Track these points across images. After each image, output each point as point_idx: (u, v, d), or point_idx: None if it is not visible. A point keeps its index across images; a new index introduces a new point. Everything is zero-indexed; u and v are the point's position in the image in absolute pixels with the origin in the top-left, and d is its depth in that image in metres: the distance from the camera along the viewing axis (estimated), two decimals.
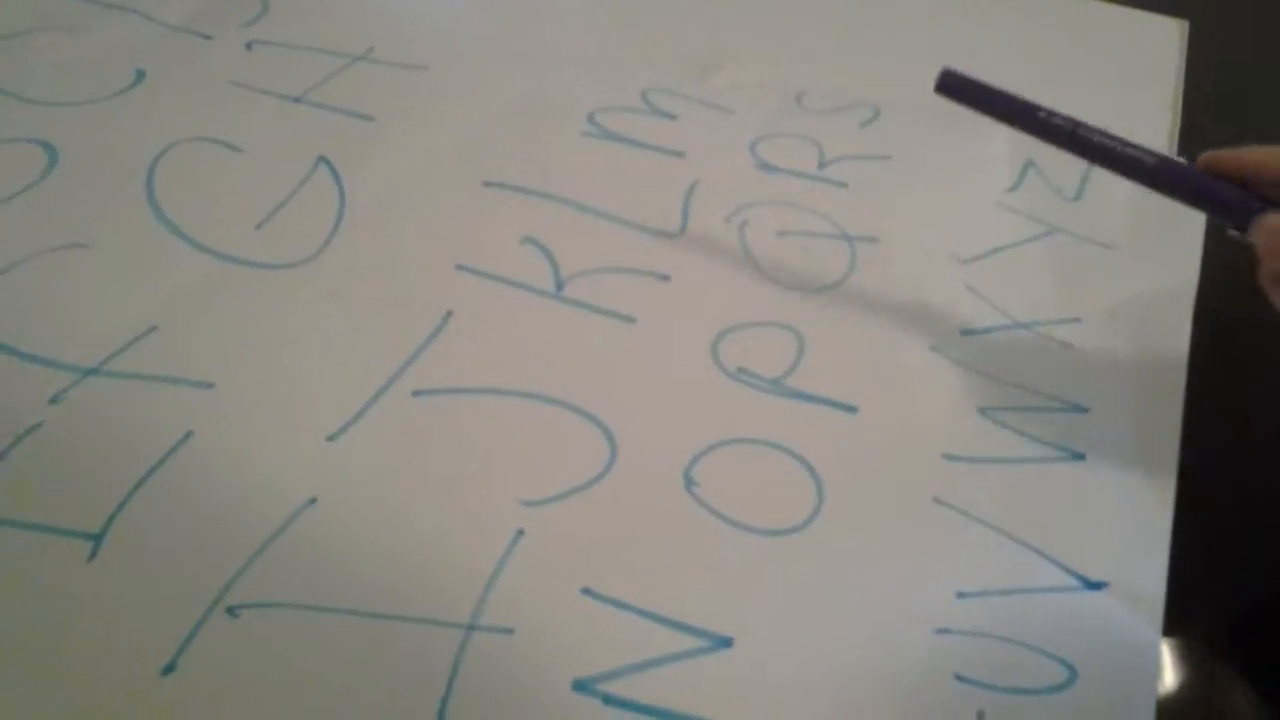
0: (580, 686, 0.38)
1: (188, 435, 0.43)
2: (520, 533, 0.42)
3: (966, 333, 0.51)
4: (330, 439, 0.44)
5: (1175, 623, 0.44)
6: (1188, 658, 0.44)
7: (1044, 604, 0.42)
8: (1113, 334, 0.51)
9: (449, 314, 0.48)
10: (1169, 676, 0.44)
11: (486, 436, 0.45)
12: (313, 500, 0.42)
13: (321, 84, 0.58)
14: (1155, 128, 0.63)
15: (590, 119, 0.58)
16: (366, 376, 0.46)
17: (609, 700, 0.38)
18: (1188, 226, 0.56)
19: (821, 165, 0.58)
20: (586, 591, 0.41)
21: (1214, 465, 0.49)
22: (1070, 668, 0.40)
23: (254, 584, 0.40)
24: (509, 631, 0.39)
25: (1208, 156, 0.44)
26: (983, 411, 0.48)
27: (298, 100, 0.57)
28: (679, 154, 0.57)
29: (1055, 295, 0.53)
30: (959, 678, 0.40)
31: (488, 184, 0.54)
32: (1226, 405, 0.52)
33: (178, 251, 0.50)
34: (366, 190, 0.53)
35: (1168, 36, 0.71)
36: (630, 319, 0.49)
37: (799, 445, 0.46)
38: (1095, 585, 0.42)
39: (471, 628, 0.39)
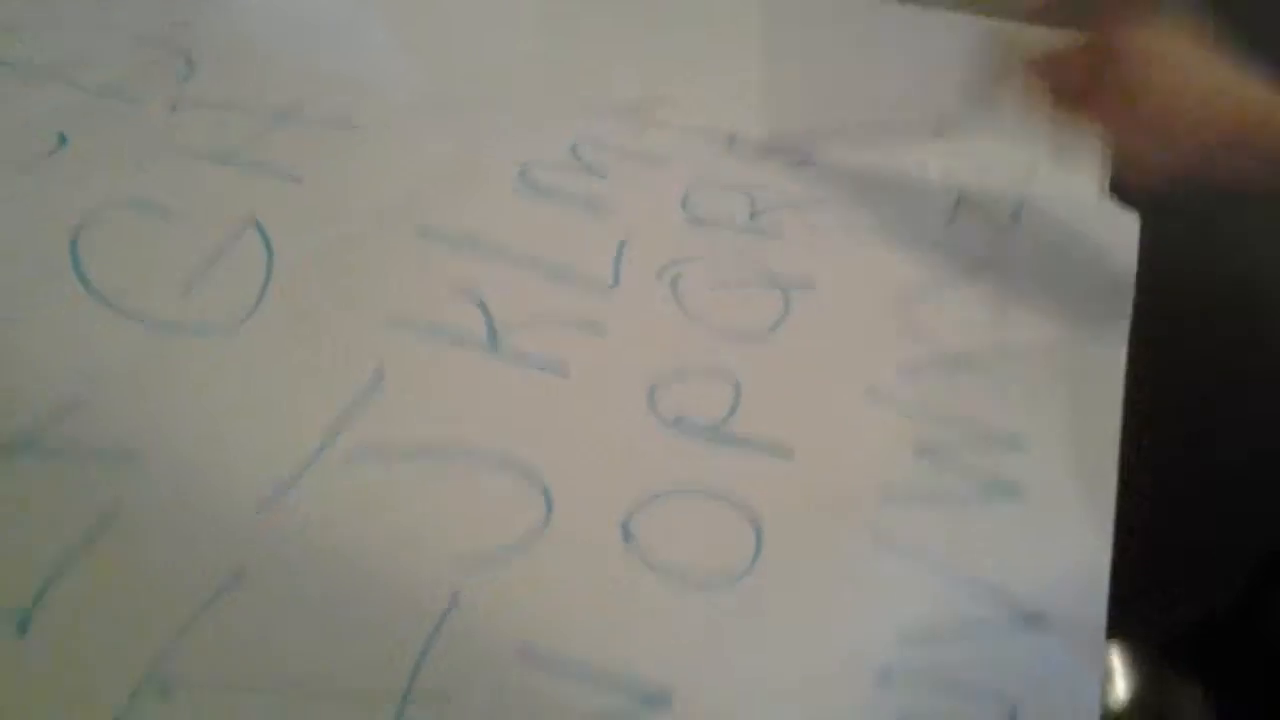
0: None
1: (116, 508, 0.42)
2: (455, 596, 0.41)
3: (903, 372, 0.51)
4: (260, 509, 0.43)
5: (1124, 629, 0.43)
6: (1136, 664, 0.44)
7: (985, 643, 0.42)
8: (1049, 364, 0.51)
9: (381, 371, 0.48)
10: (1119, 683, 0.44)
11: (421, 498, 0.44)
12: (241, 573, 0.41)
13: (249, 144, 0.58)
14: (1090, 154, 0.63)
15: (521, 175, 0.58)
16: (298, 441, 0.45)
17: None
18: (1122, 251, 0.56)
19: (753, 215, 0.58)
20: (523, 653, 0.40)
21: (1160, 474, 0.49)
22: (1011, 707, 0.40)
23: (184, 661, 0.39)
24: (445, 699, 0.39)
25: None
26: (920, 451, 0.48)
27: (225, 162, 0.56)
28: (609, 208, 0.57)
29: (990, 328, 0.53)
30: None
31: (420, 237, 0.54)
32: (1166, 407, 0.52)
33: (105, 320, 0.49)
34: (295, 250, 0.52)
35: None
36: (565, 372, 0.49)
37: (737, 493, 0.46)
38: (1036, 621, 0.42)
39: (406, 699, 0.38)
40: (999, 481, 0.47)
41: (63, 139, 0.57)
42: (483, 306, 0.51)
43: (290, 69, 0.64)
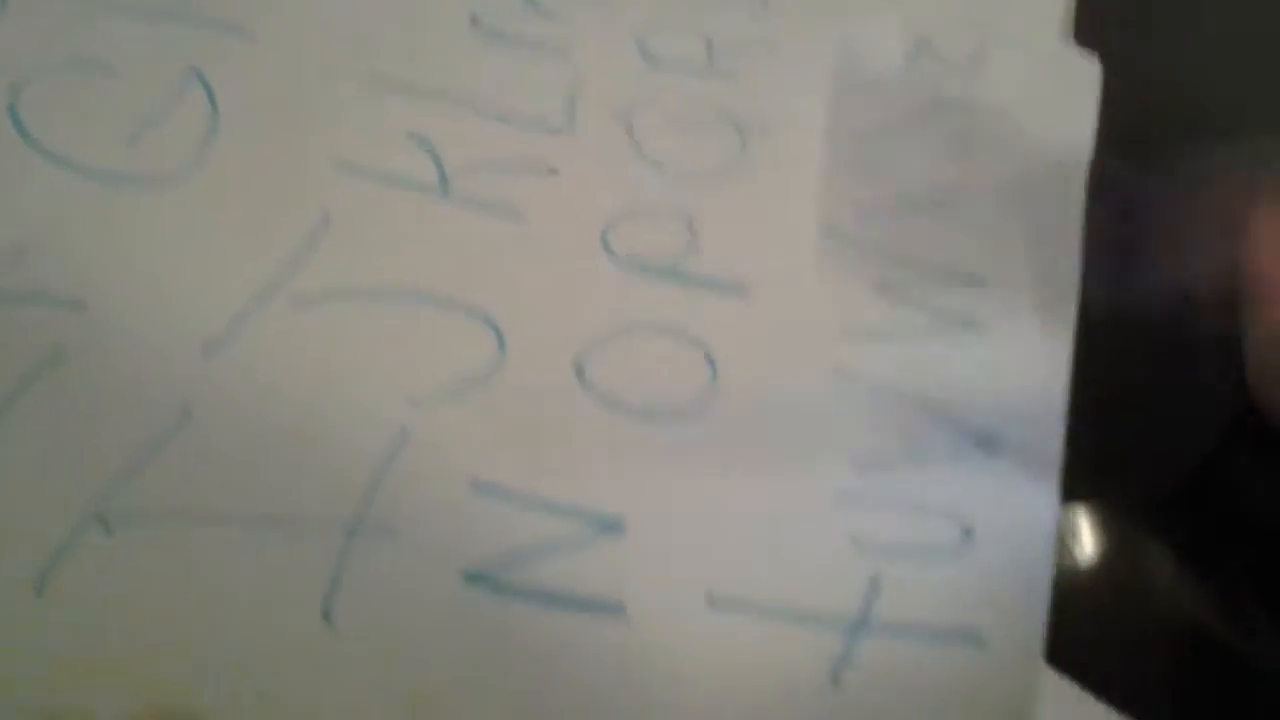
0: (471, 578, 0.38)
1: (59, 353, 0.42)
2: (405, 431, 0.41)
3: (861, 212, 0.50)
4: (207, 351, 0.43)
5: (1093, 493, 0.43)
6: (1105, 528, 0.44)
7: (941, 467, 0.41)
8: (1009, 203, 0.51)
9: (328, 216, 0.47)
10: (1088, 547, 0.44)
11: (369, 339, 0.44)
12: (188, 413, 0.41)
13: None
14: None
15: (473, 20, 0.57)
16: (243, 286, 0.45)
17: (500, 589, 0.37)
18: (1081, 89, 0.55)
19: (710, 56, 0.57)
20: (474, 484, 0.40)
21: (1124, 335, 0.49)
22: (967, 527, 0.40)
23: (128, 498, 0.39)
24: (393, 530, 0.38)
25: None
26: (878, 288, 0.47)
27: (168, 15, 0.55)
28: (564, 53, 0.56)
29: (948, 169, 0.52)
30: (855, 543, 0.39)
31: (368, 83, 0.53)
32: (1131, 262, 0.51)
33: (47, 173, 0.48)
34: (241, 97, 0.51)
35: None
36: (518, 214, 0.48)
37: (693, 330, 0.45)
38: (992, 447, 0.42)
39: (354, 529, 0.38)
40: (957, 315, 0.46)
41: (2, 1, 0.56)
42: (433, 151, 0.50)
43: None
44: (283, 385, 0.42)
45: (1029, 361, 0.45)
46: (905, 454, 0.42)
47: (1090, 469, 0.44)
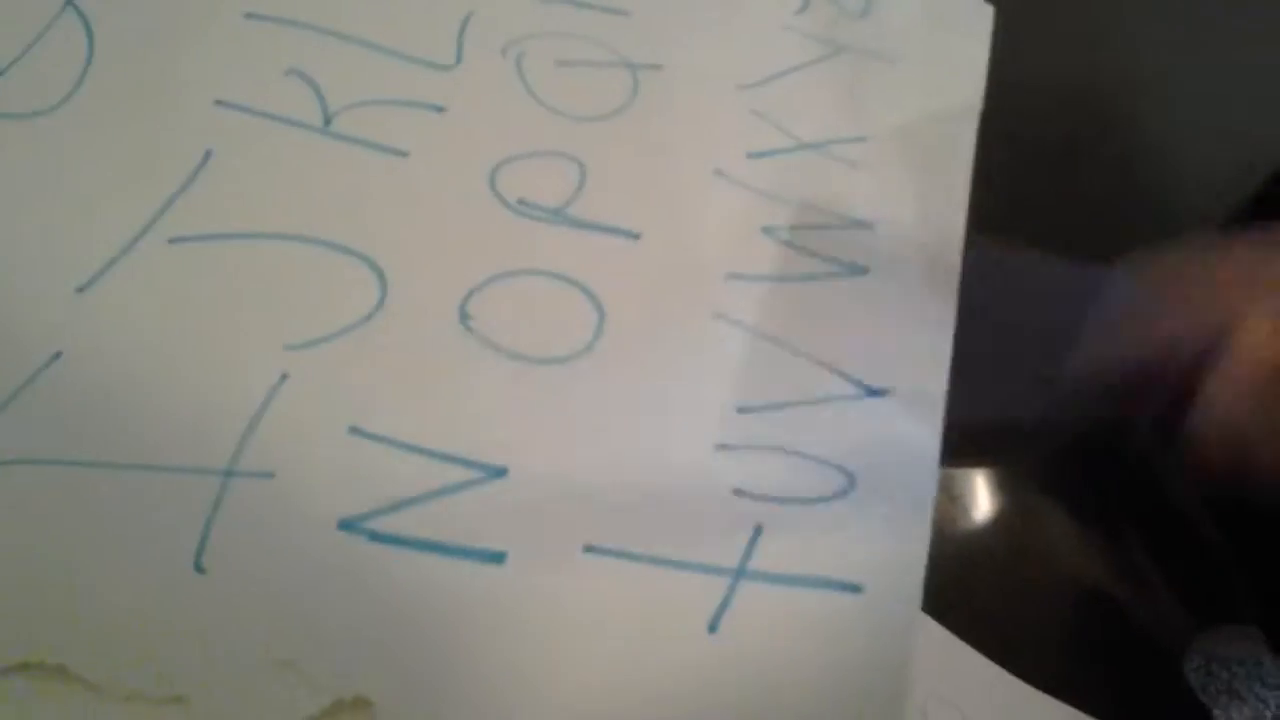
0: (346, 525, 0.37)
1: None
2: (284, 376, 0.40)
3: (752, 155, 0.50)
4: (80, 290, 0.42)
5: (987, 457, 0.43)
6: (1001, 492, 0.44)
7: (825, 414, 0.41)
8: (899, 150, 0.50)
9: (208, 153, 0.46)
10: (984, 510, 0.44)
11: (248, 282, 0.43)
12: (58, 354, 0.40)
13: None
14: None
15: None
16: (119, 225, 0.44)
17: (376, 537, 0.37)
18: (973, 40, 0.55)
19: None
20: (353, 430, 0.39)
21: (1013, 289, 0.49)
22: (849, 475, 0.40)
23: (2, 438, 0.38)
24: (269, 475, 0.38)
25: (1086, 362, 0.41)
26: (767, 231, 0.47)
27: None
28: None
29: (841, 115, 0.52)
30: (737, 492, 0.39)
31: (249, 15, 0.51)
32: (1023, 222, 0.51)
33: None
34: (116, 30, 0.50)
35: None
36: (402, 152, 0.47)
37: (580, 274, 0.45)
38: (877, 392, 0.42)
39: (229, 473, 0.38)
40: (844, 261, 0.46)
41: None
42: (315, 87, 0.49)
43: None
44: (158, 328, 0.41)
45: (914, 307, 0.45)
46: (788, 400, 0.42)
47: (988, 432, 0.44)
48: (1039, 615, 0.46)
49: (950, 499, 0.47)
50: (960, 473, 0.46)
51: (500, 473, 0.38)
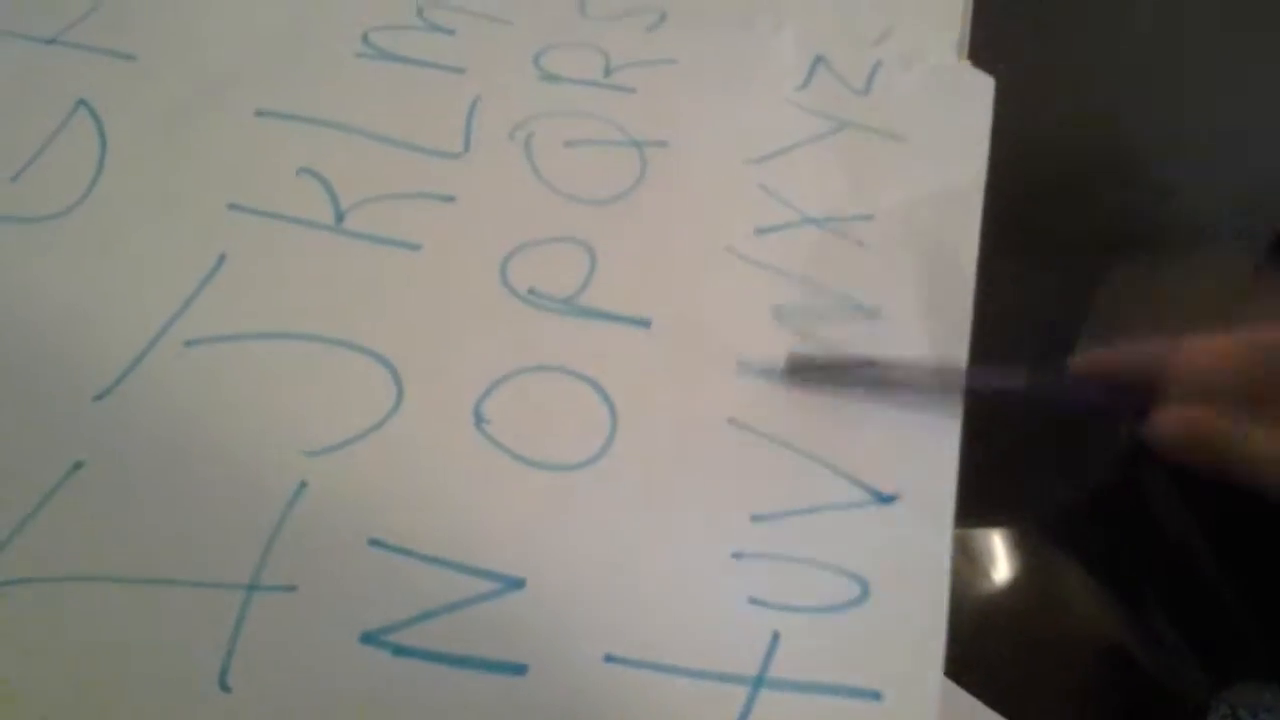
0: (368, 639, 0.37)
1: None
2: (303, 485, 0.40)
3: (761, 231, 0.50)
4: (98, 398, 0.42)
5: (1004, 515, 0.44)
6: (1019, 548, 0.44)
7: (837, 521, 0.41)
8: (904, 230, 0.51)
9: (223, 257, 0.46)
10: (1003, 567, 0.44)
11: (266, 385, 0.43)
12: (79, 464, 0.40)
13: (78, 22, 0.55)
14: (945, 11, 0.63)
15: (365, 39, 0.56)
16: (135, 329, 0.44)
17: (400, 651, 0.37)
18: (975, 115, 0.55)
19: (607, 73, 0.56)
20: (373, 541, 0.39)
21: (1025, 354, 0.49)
22: (863, 582, 0.40)
23: (24, 553, 0.38)
24: (292, 589, 0.38)
25: (1077, 363, 0.43)
26: (777, 312, 0.47)
27: (52, 41, 0.54)
28: (459, 70, 0.55)
29: (847, 191, 0.52)
30: (753, 601, 0.39)
31: (260, 114, 0.52)
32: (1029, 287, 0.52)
33: None
34: (130, 132, 0.51)
35: None
36: (415, 246, 0.48)
37: (592, 368, 0.45)
38: (887, 499, 0.42)
39: (252, 588, 0.38)
40: (854, 355, 0.46)
41: None
42: (327, 185, 0.49)
43: None
44: (178, 435, 0.41)
45: (923, 406, 0.45)
46: (801, 508, 0.42)
47: (997, 493, 0.44)
48: (1057, 673, 0.46)
49: (968, 558, 0.47)
50: (977, 532, 0.47)
51: (519, 584, 0.39)
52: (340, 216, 0.48)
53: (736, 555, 0.40)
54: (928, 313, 0.47)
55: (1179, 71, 0.66)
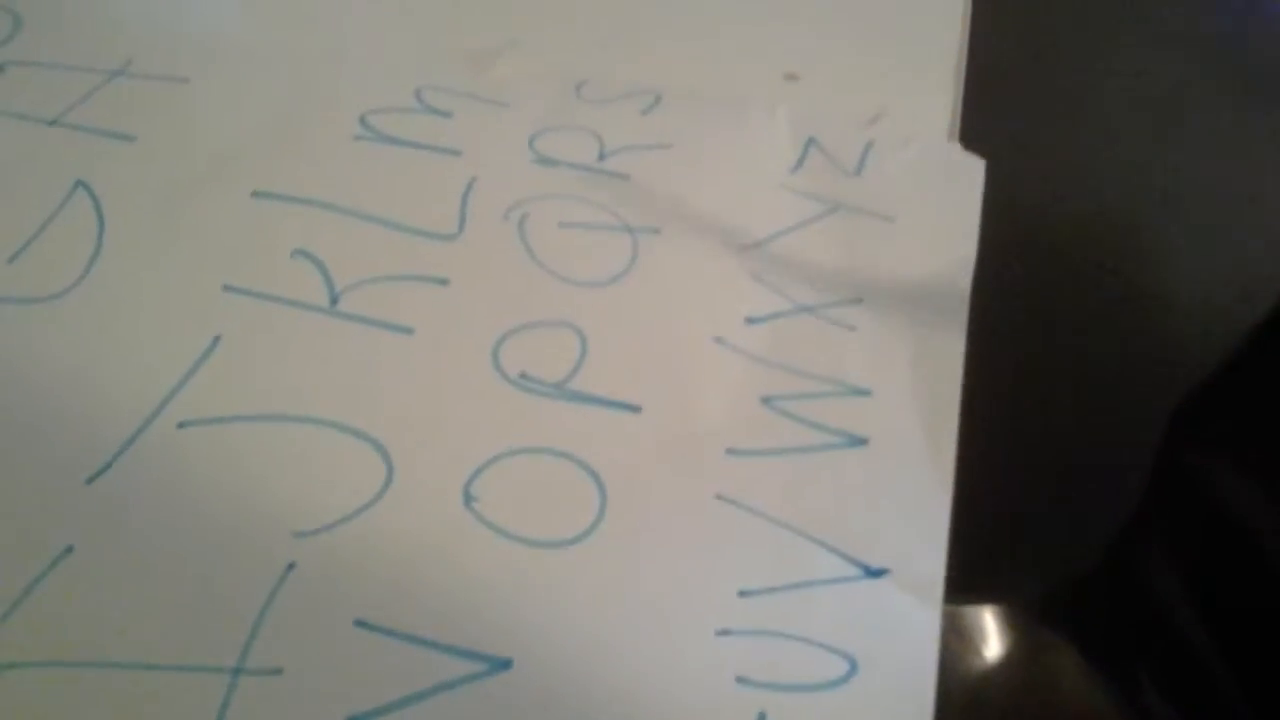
0: None
1: None
2: (291, 566, 0.41)
3: (751, 320, 0.50)
4: (89, 481, 0.42)
5: (999, 591, 0.44)
6: (1008, 628, 0.44)
7: (825, 596, 0.42)
8: (894, 312, 0.51)
9: (217, 338, 0.47)
10: (993, 646, 0.44)
11: (257, 466, 0.44)
12: (69, 548, 0.40)
13: (79, 104, 0.56)
14: (936, 94, 0.64)
15: (362, 122, 0.57)
16: (129, 411, 0.44)
17: None
18: (966, 195, 0.56)
19: (602, 156, 0.57)
20: (360, 624, 0.39)
21: (1038, 431, 0.49)
22: (851, 659, 0.40)
23: (13, 639, 0.38)
24: (278, 672, 0.38)
25: None
26: (766, 401, 0.47)
27: (53, 123, 0.55)
28: (455, 152, 0.56)
29: (837, 276, 0.52)
30: (740, 680, 0.39)
31: (256, 196, 0.52)
32: (1017, 364, 0.52)
33: None
34: (128, 213, 0.51)
35: (950, 2, 0.71)
36: (408, 329, 0.48)
37: (582, 451, 0.45)
38: (876, 573, 0.42)
39: (238, 671, 0.38)
40: (843, 433, 0.46)
41: None
42: (321, 267, 0.50)
43: (121, 22, 0.62)
44: (168, 517, 0.42)
45: (913, 481, 0.45)
46: (789, 583, 0.42)
47: (986, 571, 0.44)
48: None
49: (958, 635, 0.47)
50: (968, 609, 0.47)
51: (505, 664, 0.39)
52: (335, 299, 0.49)
53: (723, 632, 0.40)
54: (918, 392, 0.48)
55: (1174, 145, 0.66)
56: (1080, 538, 0.49)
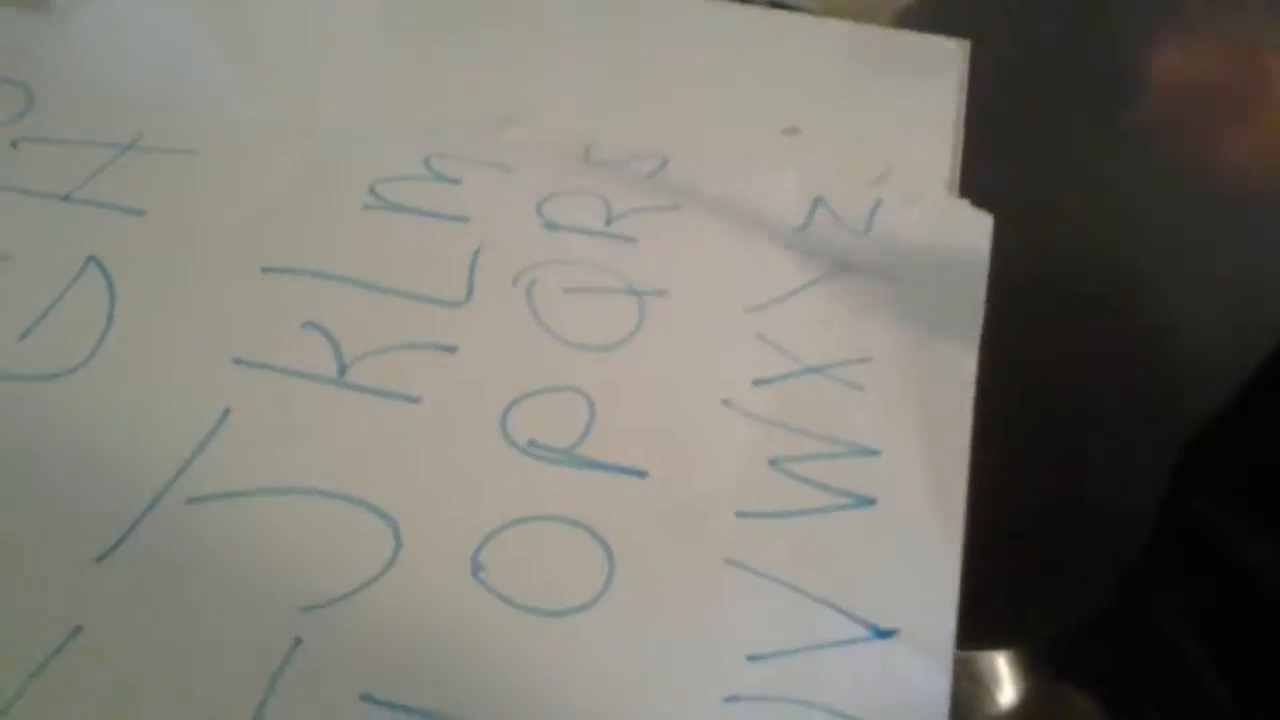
0: None
1: None
2: (298, 640, 0.41)
3: (758, 383, 0.50)
4: (99, 560, 0.42)
5: (1008, 638, 0.44)
6: (1023, 672, 0.44)
7: (835, 659, 0.42)
8: (901, 371, 0.51)
9: (226, 412, 0.47)
10: (1008, 691, 0.44)
11: (265, 540, 0.44)
12: (78, 629, 0.40)
13: (90, 179, 0.56)
14: (937, 150, 0.64)
15: (371, 190, 0.57)
16: (138, 488, 0.45)
17: None
18: (973, 252, 0.56)
19: (609, 220, 0.57)
20: (366, 698, 0.39)
21: (1045, 475, 0.49)
22: None
23: None
24: None
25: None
26: (774, 463, 0.47)
27: (65, 198, 0.55)
28: (463, 219, 0.56)
29: (844, 336, 0.53)
30: None
31: (266, 270, 0.53)
32: (1027, 413, 0.52)
33: None
34: (138, 288, 0.52)
35: (948, 58, 0.71)
36: (415, 399, 0.48)
37: (590, 517, 0.45)
38: (885, 634, 0.42)
39: None
40: (852, 494, 0.46)
41: None
42: (330, 337, 0.50)
43: (131, 96, 0.62)
44: (176, 595, 0.42)
45: (922, 541, 0.45)
46: (798, 646, 0.42)
47: (1001, 617, 0.44)
48: None
49: (972, 680, 0.47)
50: (981, 654, 0.47)
51: None
52: (343, 369, 0.49)
53: (732, 699, 0.40)
54: (926, 451, 0.47)
55: (1175, 193, 0.66)
56: (1091, 581, 0.49)
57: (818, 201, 0.59)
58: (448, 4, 0.74)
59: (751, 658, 0.41)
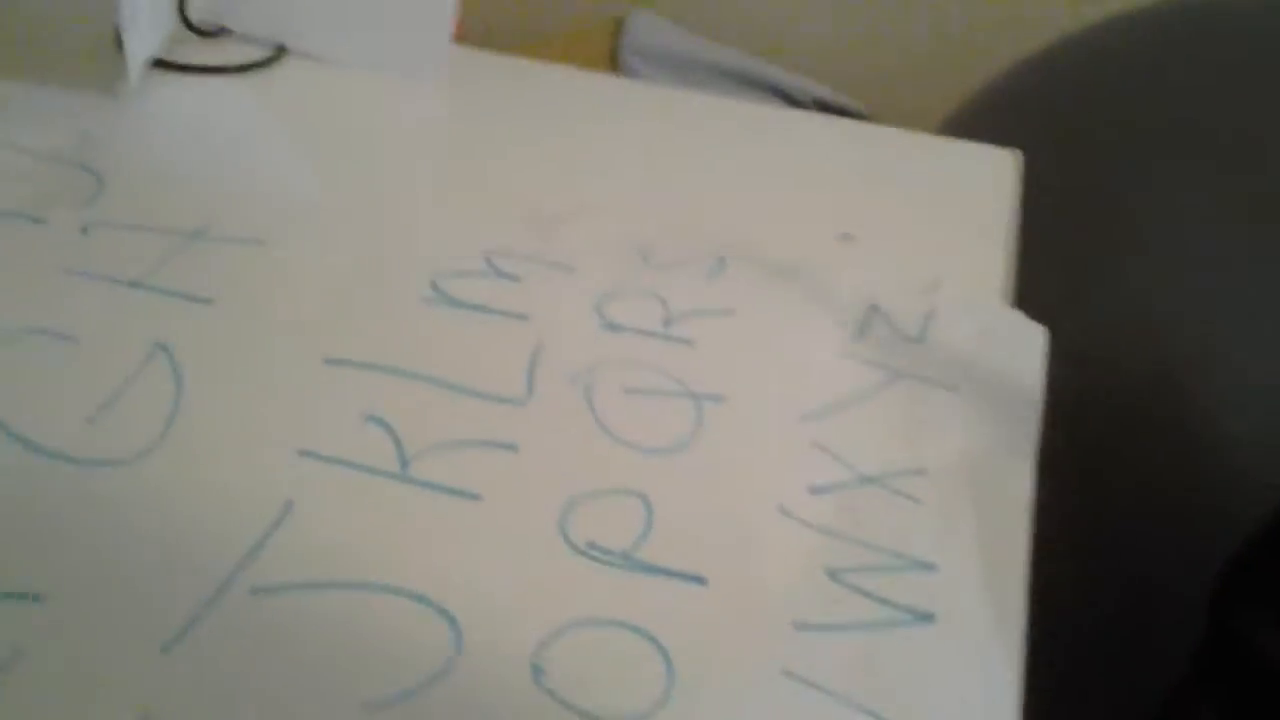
0: None
1: (15, 653, 0.42)
2: None
3: (814, 491, 0.51)
4: (165, 649, 0.43)
5: None
6: None
7: None
8: (957, 483, 0.51)
9: (290, 504, 0.48)
10: None
11: (326, 635, 0.44)
12: (146, 716, 0.41)
13: (159, 266, 0.57)
14: (990, 259, 0.64)
15: (433, 285, 0.58)
16: (203, 577, 0.45)
17: None
18: (1028, 364, 0.57)
19: (667, 323, 0.58)
20: None
21: (1090, 586, 0.49)
22: None
23: None
24: None
25: None
26: (833, 574, 0.48)
27: (135, 285, 0.56)
28: (523, 317, 0.57)
29: (900, 445, 0.53)
30: None
31: (329, 362, 0.54)
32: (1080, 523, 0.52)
33: (3, 453, 0.48)
34: (204, 377, 0.52)
35: (1001, 168, 0.72)
36: (477, 496, 0.49)
37: (649, 623, 0.45)
38: None
39: None
40: (911, 609, 0.47)
41: None
42: (393, 432, 0.51)
43: (199, 184, 0.63)
44: (239, 686, 0.42)
45: (981, 657, 0.45)
46: None
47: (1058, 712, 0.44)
48: None
49: None
50: None
51: None
52: (405, 464, 0.49)
53: None
54: (984, 566, 0.48)
55: (1240, 306, 0.67)
56: (1137, 688, 0.49)
57: (873, 309, 0.59)
58: (511, 101, 0.75)
59: None
